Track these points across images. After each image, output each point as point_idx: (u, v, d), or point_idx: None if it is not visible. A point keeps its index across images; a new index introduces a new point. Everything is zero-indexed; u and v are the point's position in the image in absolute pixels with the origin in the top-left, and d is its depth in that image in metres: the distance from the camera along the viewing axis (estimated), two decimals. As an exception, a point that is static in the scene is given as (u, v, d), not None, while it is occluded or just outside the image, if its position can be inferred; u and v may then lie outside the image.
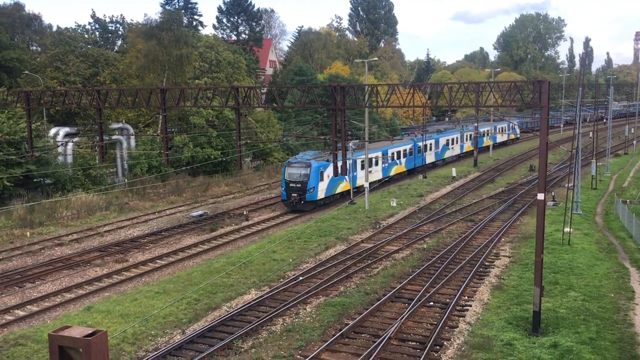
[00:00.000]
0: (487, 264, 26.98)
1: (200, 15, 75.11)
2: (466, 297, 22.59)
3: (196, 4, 69.52)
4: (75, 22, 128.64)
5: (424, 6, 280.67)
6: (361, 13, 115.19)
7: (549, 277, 23.83)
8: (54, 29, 65.32)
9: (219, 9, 76.30)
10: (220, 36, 72.84)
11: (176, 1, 67.78)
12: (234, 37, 75.71)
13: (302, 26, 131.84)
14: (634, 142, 73.71)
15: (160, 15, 54.79)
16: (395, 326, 19.33)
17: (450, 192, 46.20)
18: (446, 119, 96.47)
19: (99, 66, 53.55)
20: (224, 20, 76.51)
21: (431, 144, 57.40)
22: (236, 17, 76.06)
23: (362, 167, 43.52)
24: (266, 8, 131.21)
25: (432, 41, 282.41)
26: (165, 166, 46.68)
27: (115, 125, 49.07)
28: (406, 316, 20.32)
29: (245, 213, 38.33)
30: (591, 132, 59.94)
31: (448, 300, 22.18)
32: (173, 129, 51.90)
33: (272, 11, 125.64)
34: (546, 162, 19.39)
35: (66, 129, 46.46)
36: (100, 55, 54.69)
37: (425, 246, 30.52)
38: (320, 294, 23.33)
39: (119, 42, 68.03)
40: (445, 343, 18.55)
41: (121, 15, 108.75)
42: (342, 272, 26.02)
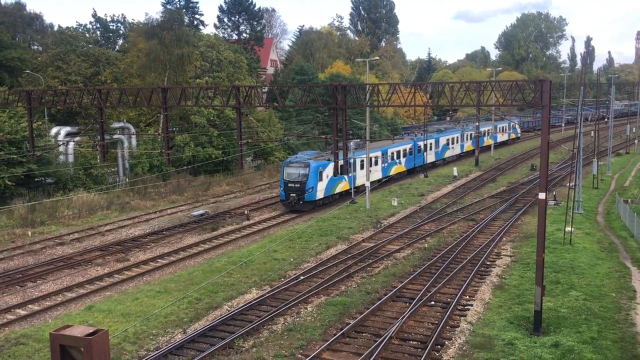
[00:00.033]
0: (488, 263, 26.97)
1: (202, 15, 75.31)
2: (467, 297, 22.58)
3: (197, 3, 69.66)
4: (77, 22, 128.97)
5: (425, 5, 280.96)
6: (362, 12, 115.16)
7: (550, 277, 23.82)
8: (55, 28, 65.39)
9: (220, 8, 76.35)
10: (221, 35, 72.88)
11: (177, 0, 67.84)
12: (235, 37, 75.71)
13: (303, 25, 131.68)
14: (636, 141, 73.61)
15: (161, 15, 54.78)
16: (397, 326, 19.33)
17: (452, 192, 46.17)
18: (447, 118, 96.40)
19: (100, 65, 53.58)
20: (225, 20, 76.55)
21: (431, 144, 57.19)
22: (237, 17, 76.06)
23: (362, 166, 43.42)
24: (267, 7, 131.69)
25: (433, 40, 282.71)
26: (167, 165, 46.72)
27: (116, 125, 49.08)
28: (407, 315, 20.32)
29: (246, 212, 38.34)
30: (592, 132, 59.89)
31: (449, 299, 22.18)
32: (174, 129, 51.89)
33: (273, 10, 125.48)
34: (547, 161, 19.37)
35: (67, 129, 46.46)
36: (102, 54, 54.71)
37: (426, 245, 30.50)
38: (322, 293, 23.34)
39: (120, 42, 68.06)
40: (446, 342, 18.55)
41: (122, 14, 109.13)
42: (343, 271, 26.03)
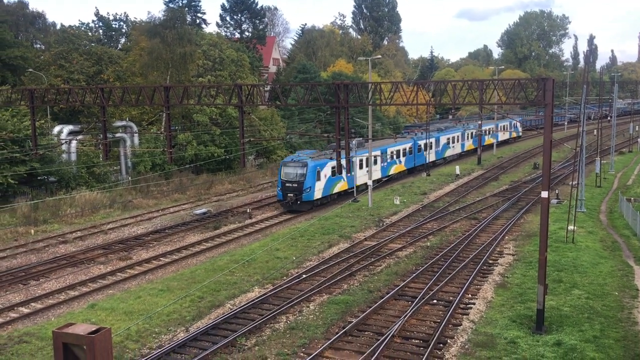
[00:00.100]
0: (490, 262, 26.94)
1: (204, 13, 75.37)
2: (470, 295, 22.57)
3: (199, 1, 69.44)
4: (79, 20, 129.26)
5: (427, 3, 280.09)
6: (365, 11, 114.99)
7: (552, 275, 23.79)
8: (58, 26, 65.44)
9: (223, 7, 76.28)
10: (223, 34, 72.82)
11: (179, -1, 67.76)
12: (237, 35, 75.65)
13: (306, 24, 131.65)
14: (639, 139, 73.45)
15: (163, 13, 54.84)
16: (399, 324, 19.33)
17: (454, 190, 46.11)
18: (450, 116, 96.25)
19: (102, 64, 53.63)
20: (228, 18, 76.47)
21: (431, 143, 56.80)
22: (239, 15, 76.01)
23: (361, 166, 43.27)
24: (269, 6, 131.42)
25: (435, 39, 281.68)
26: (169, 164, 46.74)
27: (118, 123, 49.12)
28: (410, 314, 20.31)
29: (248, 211, 38.35)
30: (595, 130, 59.76)
31: (451, 298, 22.16)
32: (176, 127, 51.91)
33: (275, 9, 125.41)
34: (550, 160, 19.32)
35: (70, 127, 46.52)
36: (104, 53, 54.76)
37: (428, 244, 30.49)
38: (324, 291, 23.35)
39: (123, 40, 68.01)
40: (448, 341, 18.54)
41: (125, 13, 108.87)
42: (346, 270, 26.03)
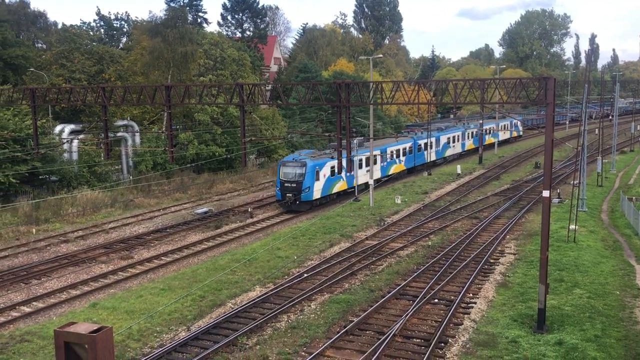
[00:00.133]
0: (492, 261, 26.94)
1: (205, 13, 75.10)
2: (471, 295, 22.57)
3: (201, 1, 69.56)
4: (81, 20, 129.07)
5: (429, 3, 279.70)
6: (366, 10, 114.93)
7: (554, 275, 23.78)
8: (59, 26, 65.43)
9: (224, 6, 76.24)
10: (224, 33, 72.82)
11: (181, -2, 67.76)
12: (238, 34, 75.62)
13: (307, 23, 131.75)
14: (640, 139, 73.39)
15: (165, 13, 54.81)
16: (400, 323, 19.33)
17: (455, 190, 46.09)
18: (451, 116, 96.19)
19: (104, 63, 53.65)
20: (229, 18, 76.45)
21: (432, 142, 56.59)
22: (241, 14, 75.98)
23: (360, 166, 43.26)
24: (271, 5, 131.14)
25: (437, 38, 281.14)
26: (170, 163, 46.74)
27: (120, 123, 49.16)
28: (411, 313, 20.31)
29: (249, 210, 38.36)
30: (597, 129, 59.68)
31: (453, 297, 22.16)
32: (178, 126, 51.94)
33: (276, 8, 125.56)
34: (552, 159, 19.31)
35: (71, 126, 46.57)
36: (105, 52, 54.78)
37: (430, 243, 30.49)
38: (325, 291, 23.36)
39: (124, 40, 68.05)
40: (450, 340, 18.54)
41: (126, 12, 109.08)
42: (347, 269, 26.05)
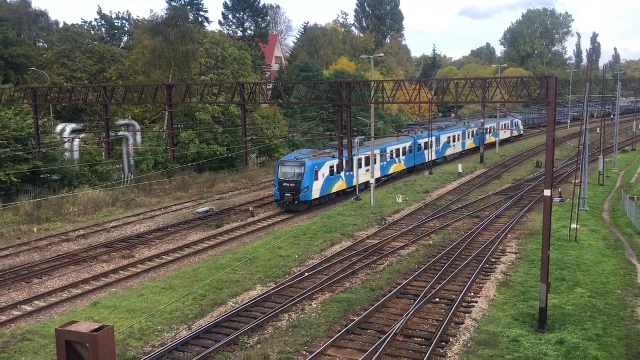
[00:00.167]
0: (493, 260, 26.92)
1: (206, 12, 74.97)
2: (472, 294, 22.56)
3: (202, 0, 69.52)
4: (82, 19, 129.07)
5: (430, 2, 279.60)
6: (367, 9, 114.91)
7: (555, 274, 23.77)
8: (61, 25, 65.40)
9: (225, 5, 76.27)
10: (226, 32, 72.85)
11: (182, -3, 67.75)
12: (239, 34, 75.65)
13: (308, 22, 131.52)
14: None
15: (166, 12, 54.77)
16: (401, 322, 19.33)
17: (457, 189, 46.07)
18: (452, 115, 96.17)
19: (105, 63, 53.67)
20: (230, 17, 76.48)
21: (432, 142, 56.38)
22: (242, 13, 76.00)
23: (360, 165, 43.25)
24: (272, 4, 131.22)
25: (438, 37, 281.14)
26: (172, 162, 46.80)
27: (121, 122, 49.18)
28: (412, 312, 20.31)
29: (251, 209, 38.37)
30: (599, 128, 59.61)
31: (454, 296, 22.15)
32: (179, 126, 51.96)
33: (277, 7, 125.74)
34: (553, 158, 19.30)
35: (73, 126, 46.61)
36: (107, 51, 54.80)
37: (431, 242, 30.48)
38: (326, 290, 23.37)
39: (125, 39, 68.03)
40: (451, 339, 18.54)
41: (127, 11, 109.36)
42: (348, 268, 26.05)
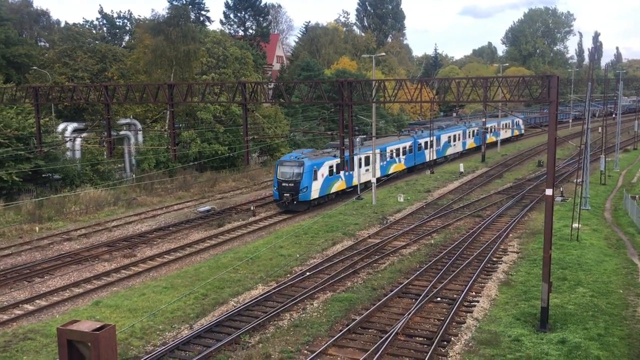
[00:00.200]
0: (494, 259, 26.90)
1: (208, 11, 75.02)
2: (474, 293, 22.54)
3: (203, -1, 69.49)
4: (83, 18, 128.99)
5: (431, 1, 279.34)
6: (368, 8, 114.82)
7: (557, 273, 23.74)
8: (62, 24, 65.46)
9: (226, 5, 76.24)
10: (227, 32, 72.83)
11: (183, -3, 67.73)
12: (241, 33, 75.64)
13: (309, 21, 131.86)
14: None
15: (167, 11, 54.75)
16: (403, 322, 19.33)
17: (458, 188, 46.04)
18: (454, 114, 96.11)
19: (106, 62, 53.71)
20: (231, 16, 76.46)
21: (432, 141, 56.07)
22: (243, 13, 75.99)
23: (359, 165, 43.21)
24: (273, 3, 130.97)
25: (440, 36, 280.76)
26: (173, 162, 46.80)
27: (123, 121, 49.22)
28: (413, 312, 20.31)
29: (252, 208, 38.37)
30: (600, 128, 59.52)
31: (455, 296, 22.14)
32: (180, 125, 51.98)
33: (279, 6, 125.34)
34: (555, 157, 19.28)
35: (74, 125, 46.65)
36: (108, 50, 54.85)
37: (432, 242, 30.46)
38: (327, 289, 23.36)
39: (127, 38, 68.03)
40: (452, 339, 18.53)
41: (129, 10, 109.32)
42: (349, 267, 26.05)
